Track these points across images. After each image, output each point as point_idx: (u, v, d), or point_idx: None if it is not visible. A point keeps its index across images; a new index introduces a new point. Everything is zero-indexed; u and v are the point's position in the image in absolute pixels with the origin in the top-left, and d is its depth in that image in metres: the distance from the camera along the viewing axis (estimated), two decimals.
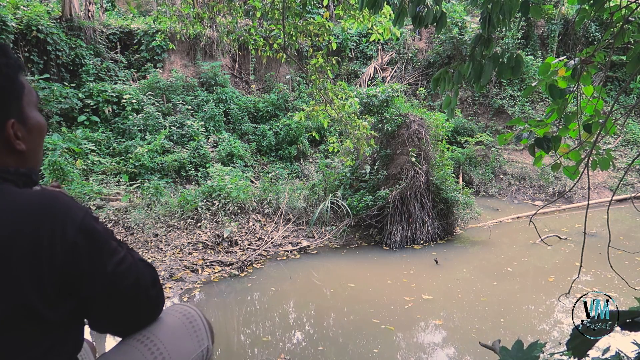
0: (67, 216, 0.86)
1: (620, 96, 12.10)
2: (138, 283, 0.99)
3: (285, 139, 10.91)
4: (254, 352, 3.93)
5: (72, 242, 0.85)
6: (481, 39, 1.99)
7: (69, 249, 0.85)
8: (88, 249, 0.88)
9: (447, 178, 7.05)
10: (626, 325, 1.08)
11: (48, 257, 0.82)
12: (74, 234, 0.85)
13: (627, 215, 8.66)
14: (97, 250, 0.90)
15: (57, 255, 0.83)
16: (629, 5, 2.00)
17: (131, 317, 1.05)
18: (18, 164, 0.94)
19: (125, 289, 0.96)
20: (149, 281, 1.03)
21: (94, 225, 0.90)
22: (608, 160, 2.18)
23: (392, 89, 7.29)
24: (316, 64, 5.20)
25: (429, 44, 14.13)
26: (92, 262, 0.89)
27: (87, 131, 8.73)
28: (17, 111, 0.93)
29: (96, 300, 0.92)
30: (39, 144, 1.01)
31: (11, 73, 0.90)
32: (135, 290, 0.99)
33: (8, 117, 0.91)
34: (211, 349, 1.23)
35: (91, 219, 0.91)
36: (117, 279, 0.93)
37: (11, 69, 0.90)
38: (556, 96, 1.96)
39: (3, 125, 0.90)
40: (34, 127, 0.97)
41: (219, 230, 6.33)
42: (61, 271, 0.84)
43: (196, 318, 1.23)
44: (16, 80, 0.92)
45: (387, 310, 4.59)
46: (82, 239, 0.87)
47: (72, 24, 9.95)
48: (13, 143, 0.92)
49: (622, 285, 4.81)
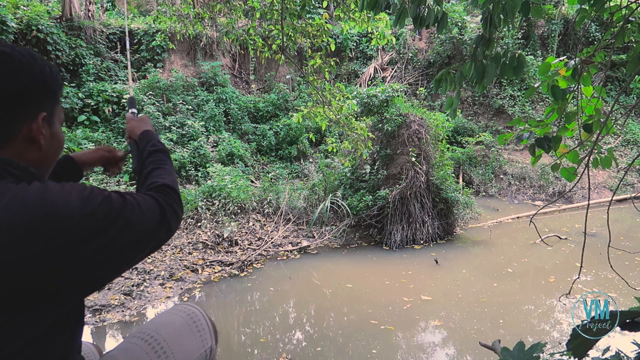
0: (57, 211, 0.78)
1: (620, 96, 12.10)
2: (145, 217, 0.90)
3: (285, 139, 10.91)
4: (253, 352, 3.93)
5: (75, 224, 0.78)
6: (483, 39, 1.99)
7: (70, 235, 0.77)
8: (91, 230, 0.80)
9: (447, 178, 7.05)
10: (626, 325, 1.08)
11: (45, 253, 0.76)
12: (74, 222, 0.78)
13: (627, 215, 8.66)
14: (97, 229, 0.81)
15: (56, 249, 0.76)
16: (629, 5, 2.00)
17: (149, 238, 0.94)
18: (34, 163, 0.92)
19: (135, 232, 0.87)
20: (156, 210, 0.94)
21: (92, 207, 0.81)
22: (610, 159, 2.18)
23: (392, 88, 7.29)
24: (314, 65, 5.21)
25: (429, 44, 14.13)
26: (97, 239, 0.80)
27: (87, 131, 8.73)
28: (50, 111, 0.94)
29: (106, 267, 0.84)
30: (55, 154, 1.00)
31: (56, 79, 0.95)
32: (144, 225, 0.89)
33: (43, 110, 0.91)
34: (214, 348, 1.24)
35: (92, 195, 0.83)
36: (124, 234, 0.84)
37: (56, 77, 0.95)
38: (558, 97, 1.96)
39: (36, 115, 0.90)
40: (56, 134, 0.98)
41: (219, 230, 6.33)
42: (58, 265, 0.77)
43: (200, 318, 1.24)
44: (59, 87, 0.96)
45: (386, 311, 4.59)
46: (86, 221, 0.79)
47: (72, 24, 9.96)
48: (38, 136, 0.91)
49: (622, 285, 4.81)
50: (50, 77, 0.93)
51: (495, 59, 1.94)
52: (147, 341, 1.16)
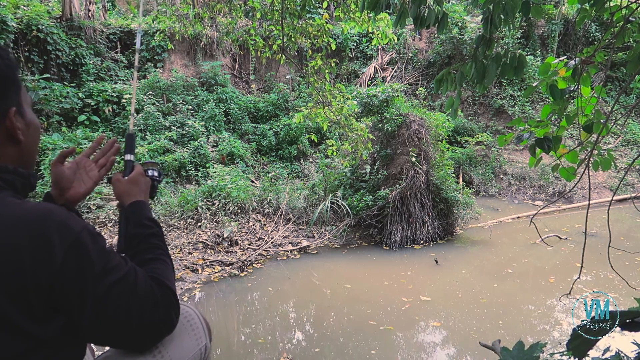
0: (58, 232, 0.81)
1: (620, 96, 12.10)
2: (132, 308, 0.90)
3: (285, 139, 10.91)
4: (253, 352, 3.93)
5: (60, 259, 0.81)
6: (483, 39, 1.99)
7: (57, 267, 0.80)
8: (78, 267, 0.83)
9: (447, 178, 7.05)
10: (626, 325, 1.08)
11: (33, 273, 0.78)
12: (62, 251, 0.81)
13: (627, 215, 8.66)
14: (88, 269, 0.84)
15: (43, 272, 0.79)
16: (629, 5, 2.00)
17: (125, 342, 0.98)
18: (16, 157, 0.93)
19: (116, 313, 0.88)
20: (150, 304, 0.94)
21: (88, 242, 0.85)
22: (609, 161, 2.18)
23: (392, 88, 7.29)
24: (314, 66, 5.21)
25: (429, 43, 14.13)
26: (81, 282, 0.83)
27: (87, 131, 8.72)
28: (18, 102, 0.93)
29: (86, 322, 0.86)
30: (35, 142, 1.00)
31: (12, 65, 0.91)
32: (128, 316, 0.90)
33: (11, 105, 0.90)
34: (209, 347, 1.24)
35: (88, 235, 0.86)
36: (107, 301, 0.87)
37: (12, 62, 0.92)
38: (557, 97, 1.96)
39: (6, 113, 0.89)
40: (31, 122, 0.97)
41: (219, 230, 6.33)
42: (48, 288, 0.80)
43: (194, 317, 1.24)
44: (17, 72, 0.93)
45: (385, 311, 4.59)
46: (73, 257, 0.82)
47: (73, 24, 9.95)
48: (15, 131, 0.90)
49: (622, 285, 4.81)
50: (7, 66, 0.89)
51: (496, 59, 1.94)
52: None
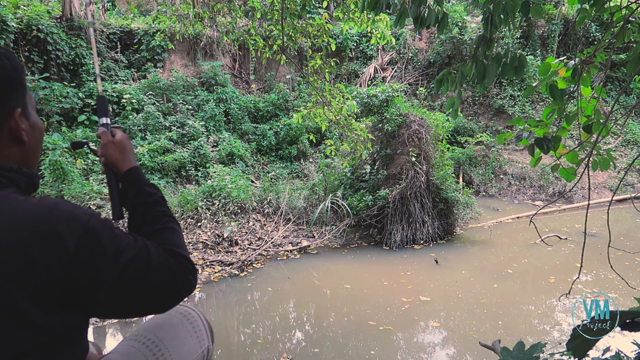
0: (67, 223, 0.82)
1: (620, 96, 12.10)
2: (150, 283, 0.91)
3: (285, 139, 10.91)
4: (253, 352, 3.93)
5: (73, 249, 0.81)
6: (484, 40, 1.99)
7: (70, 257, 0.81)
8: (91, 254, 0.83)
9: (447, 178, 7.05)
10: (626, 325, 1.08)
11: (46, 266, 0.78)
12: (74, 241, 0.82)
13: (627, 215, 8.66)
14: (102, 254, 0.85)
15: (57, 265, 0.80)
16: (629, 5, 2.00)
17: (148, 312, 0.99)
18: (20, 158, 0.93)
19: (135, 291, 0.90)
20: (167, 275, 0.94)
21: (99, 228, 0.86)
22: (608, 161, 2.18)
23: (392, 88, 7.29)
24: (314, 66, 5.21)
25: (429, 43, 14.12)
26: (96, 268, 0.84)
27: (88, 131, 8.72)
28: (23, 104, 0.94)
29: (103, 307, 0.88)
30: (39, 144, 1.01)
31: (19, 67, 0.92)
32: (147, 290, 0.92)
33: (16, 106, 0.91)
34: (211, 349, 1.24)
35: (96, 221, 0.87)
36: (125, 281, 0.88)
37: (18, 65, 0.93)
38: (557, 97, 1.96)
39: (11, 114, 0.90)
40: (36, 124, 0.98)
41: (219, 230, 6.33)
42: (64, 279, 0.81)
43: (196, 319, 1.24)
44: (23, 74, 0.94)
45: (384, 311, 4.59)
46: (85, 245, 0.83)
47: (73, 24, 9.94)
48: (19, 132, 0.91)
49: (622, 285, 4.81)
50: (12, 68, 0.90)
51: (496, 59, 1.94)
52: (145, 344, 1.16)
